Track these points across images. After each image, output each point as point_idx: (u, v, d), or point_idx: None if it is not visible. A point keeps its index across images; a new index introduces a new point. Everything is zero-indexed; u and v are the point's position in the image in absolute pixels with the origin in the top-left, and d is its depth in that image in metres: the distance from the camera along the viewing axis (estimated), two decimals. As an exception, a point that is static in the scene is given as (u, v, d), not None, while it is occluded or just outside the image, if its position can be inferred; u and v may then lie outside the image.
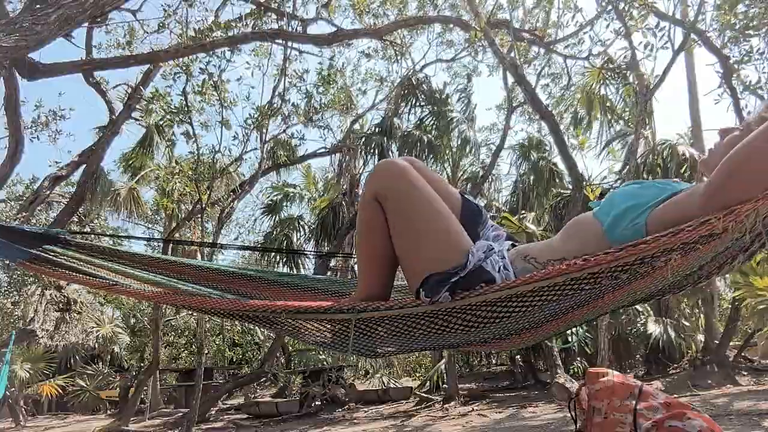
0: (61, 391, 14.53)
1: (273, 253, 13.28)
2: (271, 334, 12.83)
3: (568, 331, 9.46)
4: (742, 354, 10.14)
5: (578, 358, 10.49)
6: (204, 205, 9.15)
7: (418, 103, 12.41)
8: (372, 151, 12.13)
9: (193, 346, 16.83)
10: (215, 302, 1.62)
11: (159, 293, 1.75)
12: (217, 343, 15.57)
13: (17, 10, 5.31)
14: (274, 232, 13.72)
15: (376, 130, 12.45)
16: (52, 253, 1.81)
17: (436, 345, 1.70)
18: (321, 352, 12.54)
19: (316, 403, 11.10)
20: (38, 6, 3.52)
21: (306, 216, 14.68)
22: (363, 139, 12.41)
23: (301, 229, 14.02)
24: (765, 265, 7.19)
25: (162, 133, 10.98)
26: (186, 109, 8.32)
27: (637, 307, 10.36)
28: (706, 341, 10.35)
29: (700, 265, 1.34)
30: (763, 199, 1.10)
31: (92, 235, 10.82)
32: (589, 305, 1.49)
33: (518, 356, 12.39)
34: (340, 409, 11.10)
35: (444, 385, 11.06)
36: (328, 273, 12.23)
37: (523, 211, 11.04)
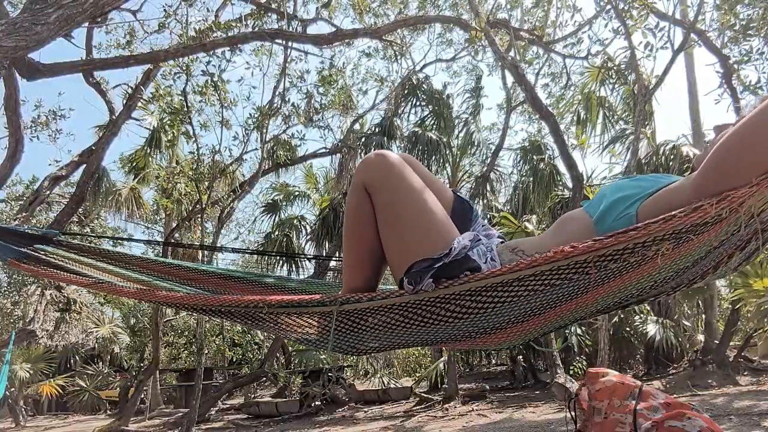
0: (61, 391, 14.55)
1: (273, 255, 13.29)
2: (271, 335, 12.82)
3: (567, 331, 9.52)
4: (742, 354, 10.12)
5: (578, 358, 10.49)
6: (204, 205, 9.16)
7: (418, 103, 12.42)
8: (372, 150, 12.10)
9: (193, 346, 16.81)
10: (196, 298, 1.61)
11: (142, 290, 1.75)
12: (217, 343, 15.55)
13: (17, 11, 5.32)
14: (275, 233, 13.70)
15: (377, 130, 12.45)
16: (43, 252, 1.82)
17: (420, 340, 1.64)
18: (321, 352, 12.53)
19: (316, 403, 11.10)
20: (38, 6, 3.51)
21: (307, 216, 14.70)
22: (363, 139, 12.41)
23: (303, 229, 14.03)
24: (765, 266, 7.18)
25: (164, 132, 10.98)
26: (186, 109, 8.34)
27: (637, 307, 10.36)
28: (706, 341, 10.34)
29: (694, 260, 1.30)
30: (757, 185, 1.08)
31: (87, 237, 10.82)
32: (579, 299, 1.43)
33: (519, 356, 12.38)
34: (340, 409, 11.10)
35: (444, 385, 11.05)
36: (329, 273, 12.23)
37: (525, 216, 11.04)
